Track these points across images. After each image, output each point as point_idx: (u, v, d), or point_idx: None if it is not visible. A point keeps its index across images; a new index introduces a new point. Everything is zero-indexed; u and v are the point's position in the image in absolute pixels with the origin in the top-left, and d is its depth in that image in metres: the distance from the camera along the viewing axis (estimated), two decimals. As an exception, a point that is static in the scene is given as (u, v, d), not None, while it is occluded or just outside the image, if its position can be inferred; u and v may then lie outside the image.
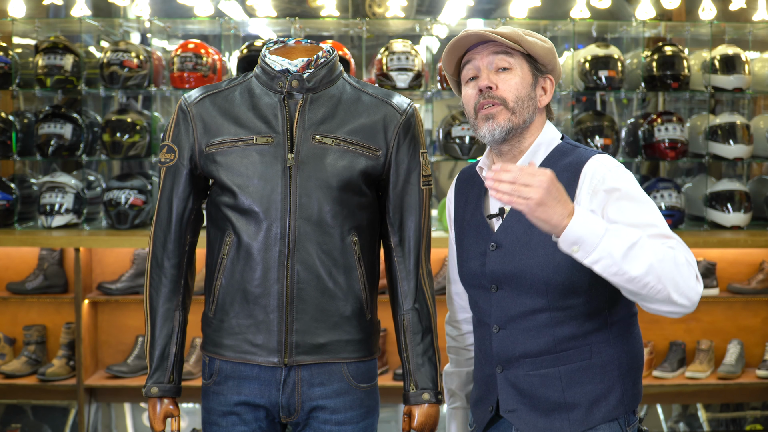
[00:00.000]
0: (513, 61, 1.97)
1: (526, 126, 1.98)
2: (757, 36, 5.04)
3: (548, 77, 2.02)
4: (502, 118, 1.95)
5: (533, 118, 1.99)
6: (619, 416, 1.94)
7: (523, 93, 1.96)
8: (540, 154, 1.98)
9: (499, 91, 1.96)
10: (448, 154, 4.56)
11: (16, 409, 4.47)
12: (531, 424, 1.96)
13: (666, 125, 4.56)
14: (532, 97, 1.98)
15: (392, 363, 4.46)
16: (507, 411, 1.99)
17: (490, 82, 1.96)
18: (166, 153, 2.16)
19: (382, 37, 5.10)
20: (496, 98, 1.96)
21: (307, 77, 2.11)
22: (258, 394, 2.12)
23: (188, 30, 5.06)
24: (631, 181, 1.88)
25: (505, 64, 1.97)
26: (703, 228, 4.59)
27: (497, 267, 1.97)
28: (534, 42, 1.97)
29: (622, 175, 1.89)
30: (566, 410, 1.93)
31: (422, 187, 2.18)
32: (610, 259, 1.68)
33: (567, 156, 1.96)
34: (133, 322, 4.44)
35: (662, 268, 1.69)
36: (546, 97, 2.01)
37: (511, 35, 1.96)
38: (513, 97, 1.96)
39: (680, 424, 4.62)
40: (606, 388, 1.93)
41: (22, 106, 4.97)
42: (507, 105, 1.96)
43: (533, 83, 1.98)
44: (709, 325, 4.58)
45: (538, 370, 1.95)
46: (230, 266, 2.10)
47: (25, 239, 4.25)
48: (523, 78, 1.97)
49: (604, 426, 1.93)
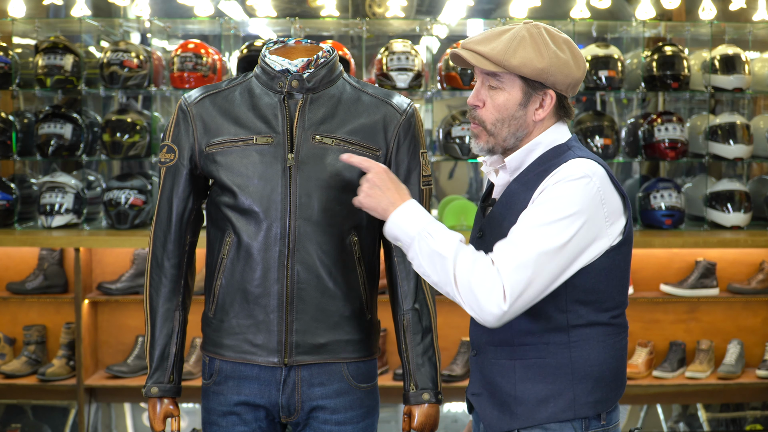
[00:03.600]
0: (502, 79, 1.93)
1: (519, 139, 1.96)
2: (757, 36, 5.04)
3: (548, 92, 1.93)
4: (482, 139, 1.97)
5: (524, 132, 1.96)
6: (570, 419, 1.92)
7: (505, 114, 1.94)
8: (535, 153, 1.96)
9: (481, 112, 1.96)
10: (448, 154, 4.56)
11: (16, 409, 4.47)
12: (487, 411, 1.99)
13: (666, 125, 4.56)
14: (518, 116, 1.94)
15: (392, 363, 4.46)
16: (472, 394, 2.04)
17: (477, 100, 1.96)
18: (166, 153, 2.16)
19: (382, 37, 5.10)
20: (476, 119, 1.97)
21: (307, 77, 2.11)
22: (258, 394, 2.12)
23: (188, 30, 5.06)
24: (563, 201, 1.82)
25: (493, 83, 1.94)
26: (703, 228, 4.59)
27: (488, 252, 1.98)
28: (521, 64, 1.88)
29: (564, 190, 1.84)
30: (514, 404, 1.94)
31: (422, 187, 2.18)
32: (418, 261, 1.87)
33: (557, 157, 1.94)
34: (133, 322, 4.44)
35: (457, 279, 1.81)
36: (543, 111, 1.94)
37: (494, 57, 1.89)
38: (492, 120, 1.95)
39: (680, 424, 4.62)
40: (555, 390, 1.92)
41: (22, 106, 4.97)
42: (485, 127, 1.96)
43: (523, 101, 1.93)
44: (709, 325, 4.58)
45: (498, 360, 1.97)
46: (230, 266, 2.10)
47: (25, 239, 4.25)
48: (510, 97, 1.93)
49: (554, 425, 1.93)
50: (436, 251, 1.83)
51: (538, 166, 1.93)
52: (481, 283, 1.79)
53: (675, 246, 4.39)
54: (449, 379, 4.29)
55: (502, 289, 1.78)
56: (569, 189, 1.84)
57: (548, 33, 1.92)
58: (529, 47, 1.89)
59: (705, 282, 4.46)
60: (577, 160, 1.89)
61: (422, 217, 1.88)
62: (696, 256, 4.53)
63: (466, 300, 1.81)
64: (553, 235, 1.80)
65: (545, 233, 1.80)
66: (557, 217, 1.81)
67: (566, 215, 1.81)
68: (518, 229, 1.83)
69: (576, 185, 1.84)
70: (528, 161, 1.96)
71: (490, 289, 1.79)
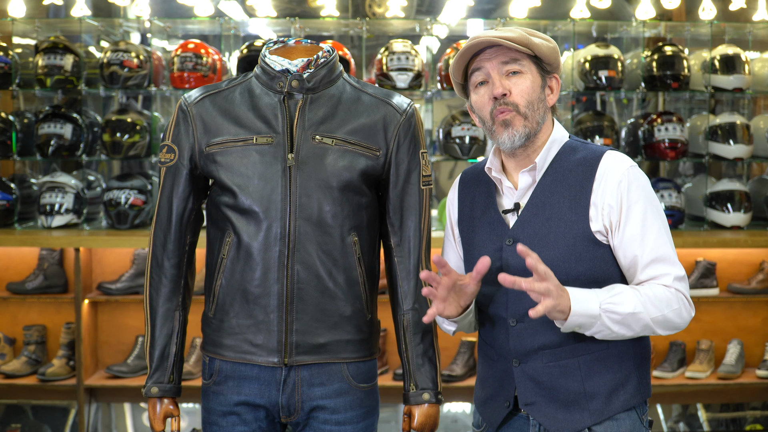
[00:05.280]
0: (523, 64, 1.98)
1: (539, 126, 2.00)
2: (757, 36, 5.04)
3: (554, 76, 2.04)
4: (519, 124, 1.97)
5: (545, 118, 2.02)
6: (636, 405, 1.98)
7: (533, 96, 1.98)
8: (552, 151, 2.02)
9: (512, 97, 1.98)
10: (448, 154, 4.56)
11: (16, 409, 4.47)
12: (551, 416, 1.97)
13: (666, 125, 4.56)
14: (542, 99, 2.00)
15: (392, 363, 4.46)
16: (526, 404, 1.99)
17: (503, 88, 1.97)
18: (166, 153, 2.16)
19: (382, 37, 5.10)
20: (509, 104, 1.97)
21: (307, 77, 2.11)
22: (258, 394, 2.12)
23: (188, 30, 5.06)
24: (649, 192, 1.98)
25: (516, 67, 1.98)
26: (703, 228, 4.59)
27: (515, 261, 1.97)
28: (540, 43, 1.98)
29: (642, 184, 1.97)
30: (586, 400, 1.95)
31: (422, 187, 2.18)
32: (608, 331, 1.89)
33: (578, 152, 2.00)
34: (133, 322, 4.44)
35: (656, 322, 1.91)
36: (554, 96, 2.03)
37: (519, 39, 1.96)
38: (525, 102, 1.97)
39: (680, 424, 4.62)
40: (623, 377, 1.97)
41: (22, 106, 4.97)
42: (519, 110, 1.97)
43: (542, 84, 2.01)
44: (709, 325, 4.58)
45: (558, 361, 1.96)
46: (230, 266, 2.10)
47: (25, 239, 4.25)
48: (533, 81, 1.99)
49: (623, 415, 1.96)
50: (625, 315, 1.88)
51: (562, 163, 2.00)
52: (674, 311, 1.92)
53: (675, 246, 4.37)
54: (449, 379, 4.29)
55: (686, 301, 1.94)
56: (641, 185, 1.96)
57: None
58: (537, 33, 2.01)
59: (705, 282, 4.46)
60: (612, 153, 1.99)
61: (589, 296, 1.88)
62: (696, 256, 4.53)
63: (666, 333, 1.95)
64: (667, 229, 2.01)
65: (664, 233, 1.99)
66: (657, 211, 1.98)
67: (657, 204, 2.00)
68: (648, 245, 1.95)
69: (639, 178, 1.97)
70: (549, 159, 2.01)
71: (681, 309, 1.93)
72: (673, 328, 1.93)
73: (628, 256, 1.94)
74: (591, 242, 1.93)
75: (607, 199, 1.93)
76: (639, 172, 1.98)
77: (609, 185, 1.93)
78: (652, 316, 1.88)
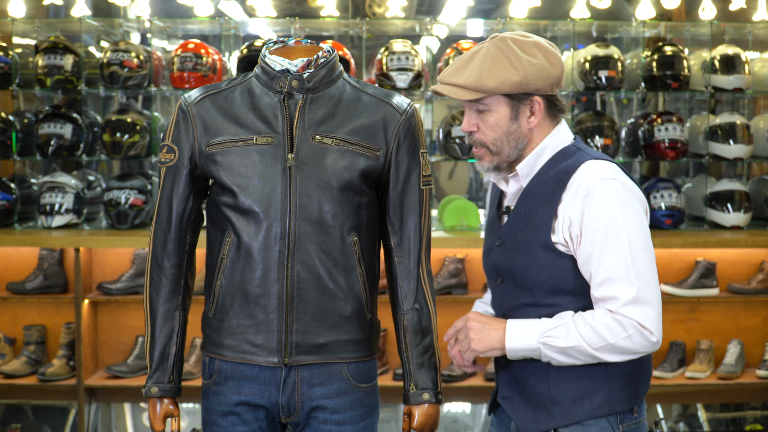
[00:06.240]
0: (486, 102, 1.97)
1: (520, 150, 2.00)
2: (757, 36, 5.04)
3: (534, 99, 1.97)
4: (486, 160, 2.03)
5: (524, 142, 2.00)
6: (606, 415, 1.97)
7: (500, 132, 1.98)
8: (543, 157, 2.01)
9: (479, 135, 2.01)
10: (448, 154, 4.56)
11: (16, 409, 4.47)
12: (522, 413, 2.02)
13: (666, 125, 4.56)
14: (513, 130, 1.99)
15: (392, 363, 4.46)
16: (503, 398, 2.07)
17: (470, 125, 2.01)
18: (166, 153, 2.16)
19: (382, 37, 5.10)
20: (477, 142, 2.02)
21: (307, 77, 2.11)
22: (258, 394, 2.12)
23: (188, 30, 5.06)
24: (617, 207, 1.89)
25: (479, 107, 1.99)
26: (703, 228, 4.59)
27: (499, 261, 2.05)
28: (499, 83, 1.93)
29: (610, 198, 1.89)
30: (551, 403, 1.98)
31: (422, 187, 2.18)
32: (556, 361, 1.92)
33: (565, 160, 1.98)
34: (133, 322, 4.44)
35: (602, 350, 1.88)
36: (535, 118, 1.98)
37: (471, 84, 1.94)
38: (491, 140, 2.00)
39: (680, 424, 4.62)
40: (590, 387, 1.96)
41: (22, 106, 4.97)
42: (488, 147, 2.01)
43: (513, 116, 1.98)
44: (709, 325, 4.58)
45: (531, 361, 2.00)
46: (230, 266, 2.10)
47: (25, 239, 4.25)
48: (500, 115, 1.98)
49: (591, 421, 1.96)
50: (567, 347, 1.88)
51: (548, 170, 1.98)
52: (621, 338, 1.86)
53: (675, 246, 4.38)
54: (449, 379, 4.29)
55: (638, 327, 1.86)
56: (604, 201, 1.88)
57: (516, 43, 1.95)
58: (501, 64, 1.93)
59: (705, 282, 4.46)
60: (590, 164, 1.93)
61: (528, 328, 1.93)
62: (696, 256, 4.53)
63: (621, 359, 1.90)
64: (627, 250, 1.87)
65: (623, 255, 1.86)
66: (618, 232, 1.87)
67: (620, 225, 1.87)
68: (601, 268, 1.88)
69: (608, 193, 1.89)
70: (538, 165, 2.00)
71: (630, 336, 1.86)
72: (629, 353, 1.89)
73: (585, 273, 1.93)
74: (552, 252, 1.95)
75: (569, 212, 1.92)
76: (613, 185, 1.90)
77: (575, 197, 1.92)
78: (595, 346, 1.87)
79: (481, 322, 1.97)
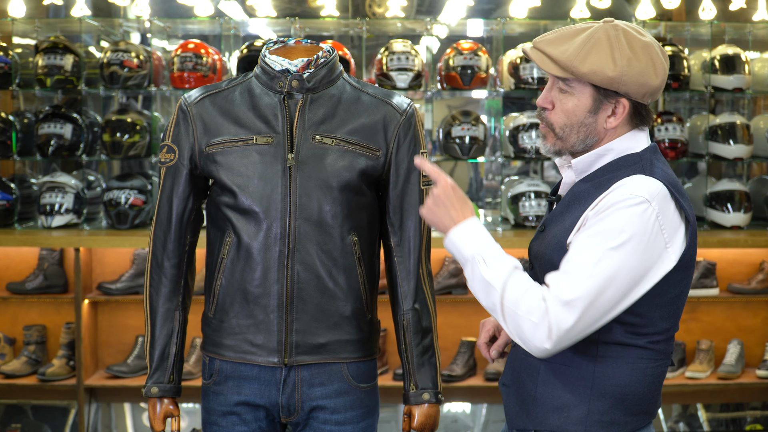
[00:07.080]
0: (572, 85, 1.84)
1: (588, 145, 1.88)
2: (757, 36, 5.04)
3: (621, 100, 1.83)
4: (549, 141, 1.91)
5: (594, 139, 1.87)
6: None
7: (573, 120, 1.86)
8: (605, 158, 1.88)
9: (551, 114, 1.89)
10: (448, 154, 4.56)
11: (16, 409, 4.47)
12: (511, 404, 1.98)
13: (666, 125, 4.56)
14: (587, 123, 1.85)
15: (392, 363, 4.46)
16: (503, 384, 2.02)
17: (546, 101, 1.89)
18: (166, 153, 2.16)
19: (382, 37, 5.10)
20: (545, 121, 1.90)
21: (307, 77, 2.11)
22: (258, 394, 2.12)
23: (188, 30, 5.06)
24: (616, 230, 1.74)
25: (562, 86, 1.86)
26: (703, 228, 4.59)
27: (535, 246, 1.96)
28: (591, 72, 1.80)
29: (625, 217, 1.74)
30: (533, 404, 1.91)
31: (422, 187, 2.18)
32: (470, 284, 1.84)
33: (627, 167, 1.85)
34: (133, 322, 4.44)
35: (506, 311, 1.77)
36: (614, 120, 1.84)
37: (563, 61, 1.81)
38: (560, 124, 1.87)
39: (680, 424, 4.62)
40: (572, 401, 1.86)
41: (22, 106, 4.97)
42: (554, 130, 1.89)
43: (593, 109, 1.84)
44: (709, 325, 4.58)
45: (527, 357, 1.93)
46: (230, 266, 2.10)
47: (25, 239, 4.25)
48: (579, 103, 1.84)
49: None
50: (486, 279, 1.78)
51: (603, 173, 1.86)
52: (527, 319, 1.74)
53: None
54: (449, 379, 4.29)
55: (547, 327, 1.72)
56: (624, 217, 1.74)
57: (627, 36, 1.81)
58: (602, 53, 1.80)
59: (705, 282, 4.46)
60: (638, 178, 1.79)
61: (479, 239, 1.81)
62: (696, 257, 4.52)
63: (512, 331, 1.77)
64: (606, 267, 1.72)
65: (598, 267, 1.72)
66: (610, 246, 1.73)
67: (619, 244, 1.73)
68: (571, 260, 1.75)
69: (632, 212, 1.74)
70: (596, 166, 1.88)
71: (536, 325, 1.73)
72: (519, 336, 1.76)
73: None
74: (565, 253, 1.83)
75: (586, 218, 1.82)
76: (641, 209, 1.75)
77: (602, 205, 1.79)
78: (506, 302, 1.76)
79: (451, 200, 1.85)
